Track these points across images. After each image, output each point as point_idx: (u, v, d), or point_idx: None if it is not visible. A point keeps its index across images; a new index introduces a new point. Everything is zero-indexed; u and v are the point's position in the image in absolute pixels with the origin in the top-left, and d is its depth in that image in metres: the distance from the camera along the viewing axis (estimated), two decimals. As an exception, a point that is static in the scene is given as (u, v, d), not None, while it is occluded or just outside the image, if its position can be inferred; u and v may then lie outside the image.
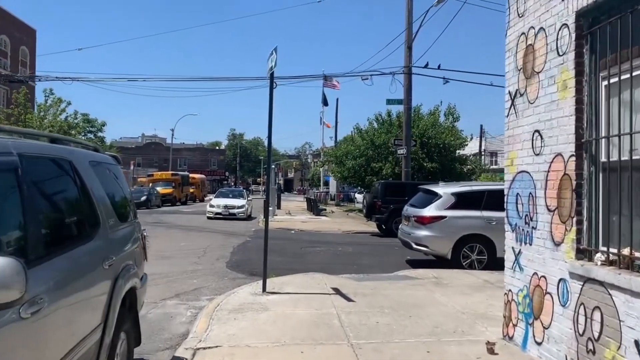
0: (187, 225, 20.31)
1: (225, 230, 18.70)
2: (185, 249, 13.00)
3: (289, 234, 18.07)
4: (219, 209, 24.44)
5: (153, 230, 17.37)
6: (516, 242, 5.73)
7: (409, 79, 20.08)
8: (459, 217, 10.64)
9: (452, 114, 31.03)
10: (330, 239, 16.49)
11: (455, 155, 31.23)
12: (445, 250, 10.58)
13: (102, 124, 44.21)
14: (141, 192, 37.35)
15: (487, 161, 52.58)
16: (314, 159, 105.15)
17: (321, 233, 18.81)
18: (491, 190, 11.11)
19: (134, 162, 47.73)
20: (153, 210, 31.76)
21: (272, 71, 7.49)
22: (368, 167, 31.06)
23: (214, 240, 15.05)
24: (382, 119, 32.31)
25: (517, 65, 5.48)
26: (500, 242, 11.16)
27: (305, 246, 14.19)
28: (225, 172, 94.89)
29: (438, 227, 10.58)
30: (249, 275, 9.65)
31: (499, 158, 62.77)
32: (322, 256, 12.41)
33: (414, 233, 10.89)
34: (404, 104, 20.22)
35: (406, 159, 20.38)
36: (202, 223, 22.04)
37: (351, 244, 15.07)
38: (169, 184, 43.03)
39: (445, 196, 10.78)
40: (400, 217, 17.84)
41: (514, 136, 5.60)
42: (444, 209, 10.68)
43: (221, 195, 27.01)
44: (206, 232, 17.55)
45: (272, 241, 15.90)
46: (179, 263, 10.80)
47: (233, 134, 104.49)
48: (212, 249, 13.04)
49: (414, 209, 11.21)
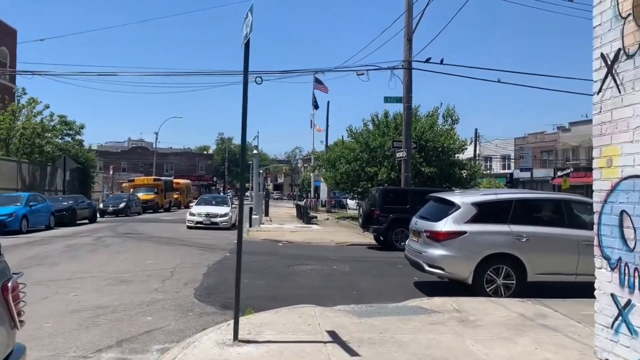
0: (162, 237, 18.18)
1: (203, 242, 16.60)
2: (150, 269, 10.91)
3: (275, 247, 16.01)
4: (200, 218, 22.32)
5: (121, 244, 15.28)
6: (621, 286, 3.72)
7: (409, 74, 18.16)
8: (482, 232, 8.68)
9: (451, 116, 29.23)
10: (323, 253, 14.47)
11: (454, 159, 29.39)
12: (466, 273, 8.60)
13: (81, 126, 41.86)
14: (120, 198, 35.21)
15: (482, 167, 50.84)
16: (304, 163, 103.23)
17: (312, 245, 16.77)
18: (520, 199, 9.18)
19: (114, 167, 45.37)
20: (131, 219, 29.57)
21: (248, 39, 5.47)
22: (362, 172, 29.11)
23: (188, 257, 12.96)
24: (377, 121, 30.39)
25: (621, 10, 3.53)
26: (531, 262, 8.95)
27: (293, 263, 12.15)
28: (214, 177, 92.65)
29: (456, 245, 8.61)
30: (220, 309, 7.59)
31: (493, 163, 61.45)
32: (314, 278, 10.37)
33: (426, 252, 8.90)
34: (403, 102, 18.30)
35: (406, 163, 18.44)
36: (180, 234, 19.92)
37: (347, 260, 13.06)
38: (150, 190, 40.83)
39: (464, 207, 8.80)
40: (401, 228, 15.89)
41: (615, 122, 3.63)
42: (464, 222, 8.71)
43: (203, 202, 24.87)
44: (181, 246, 15.44)
45: (255, 257, 13.83)
46: (137, 290, 8.71)
47: (221, 138, 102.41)
48: (182, 269, 10.95)
49: (425, 222, 9.22)
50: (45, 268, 10.78)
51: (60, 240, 16.41)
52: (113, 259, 12.23)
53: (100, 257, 12.65)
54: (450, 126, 29.43)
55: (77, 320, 6.73)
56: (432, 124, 28.66)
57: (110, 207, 33.17)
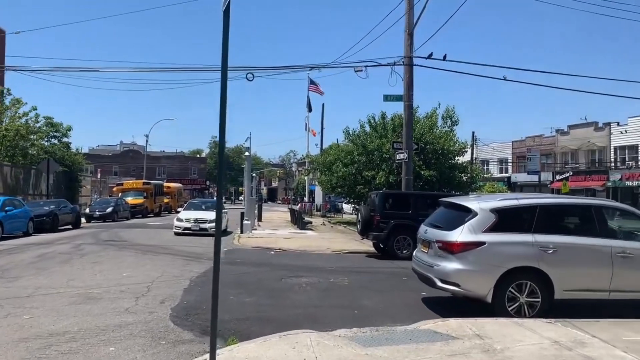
0: (146, 245, 16.95)
1: (190, 251, 15.39)
2: (125, 283, 9.71)
3: (267, 256, 14.83)
4: (188, 224, 21.09)
5: (99, 254, 14.06)
6: None
7: (410, 71, 17.07)
8: (503, 243, 7.55)
9: (451, 117, 28.18)
10: (319, 263, 13.31)
11: (454, 162, 28.33)
12: (484, 290, 7.47)
13: (68, 128, 40.67)
14: (107, 203, 33.88)
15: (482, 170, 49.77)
16: (299, 167, 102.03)
17: (307, 254, 15.60)
18: (545, 205, 8.05)
19: (102, 170, 44.05)
20: (118, 224, 28.28)
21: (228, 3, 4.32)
22: (359, 176, 28.01)
23: (170, 268, 11.76)
24: (375, 122, 29.30)
25: None
26: (559, 277, 7.32)
27: (286, 276, 10.97)
28: (206, 181, 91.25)
29: (474, 258, 7.47)
30: (200, 335, 6.40)
31: (490, 166, 60.50)
32: (309, 293, 9.20)
33: (438, 265, 7.76)
34: (404, 101, 17.20)
35: (407, 165, 17.31)
36: (166, 240, 18.70)
37: (345, 272, 11.90)
38: (139, 194, 39.51)
39: (482, 213, 7.67)
40: (403, 235, 14.75)
41: None
42: (482, 231, 7.57)
43: (192, 207, 23.61)
44: (164, 255, 14.22)
45: (244, 268, 12.63)
46: (104, 310, 7.51)
47: (215, 141, 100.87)
48: (161, 283, 9.76)
49: (437, 231, 8.08)
50: (5, 283, 9.55)
51: (34, 249, 15.15)
52: (86, 271, 11.02)
53: (72, 268, 11.42)
54: (450, 128, 28.41)
55: (21, 354, 5.53)
56: (432, 125, 27.61)
57: (96, 212, 31.85)
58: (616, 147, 47.13)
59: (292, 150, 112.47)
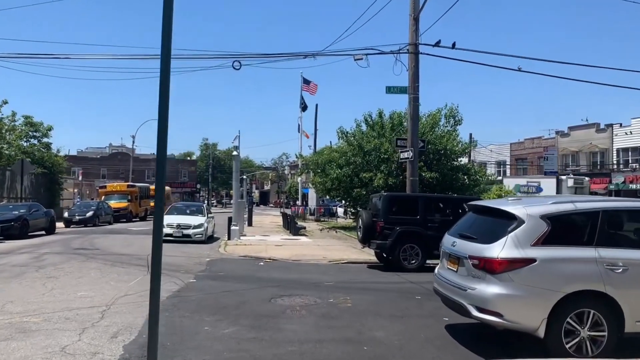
0: (119, 254, 15.07)
1: (168, 261, 13.49)
2: (75, 306, 7.84)
3: (255, 268, 12.98)
4: (170, 229, 19.18)
5: (60, 266, 12.15)
6: None
7: (415, 60, 15.33)
8: (559, 259, 5.79)
9: (454, 116, 26.49)
10: (315, 276, 11.49)
11: (457, 163, 26.64)
12: (535, 321, 5.69)
13: (49, 128, 38.58)
14: (88, 206, 31.83)
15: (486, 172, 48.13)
16: (292, 170, 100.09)
17: (301, 265, 13.77)
18: (611, 209, 6.27)
19: (82, 172, 41.99)
20: (98, 229, 26.30)
21: None
22: (356, 178, 26.25)
23: (139, 284, 9.91)
24: (372, 121, 27.56)
25: None
26: (631, 304, 5.11)
27: (276, 294, 9.15)
28: (197, 184, 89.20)
29: (522, 280, 5.70)
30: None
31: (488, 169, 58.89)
32: (305, 322, 7.37)
33: (473, 289, 5.97)
34: (408, 93, 15.44)
35: (412, 165, 15.54)
36: (144, 249, 16.79)
37: (346, 288, 10.09)
38: (124, 197, 37.53)
39: (530, 221, 5.90)
40: (410, 244, 12.94)
41: None
42: (531, 244, 5.80)
43: (175, 211, 21.68)
44: (136, 267, 12.35)
45: (226, 284, 10.26)
46: (31, 351, 5.65)
47: (206, 144, 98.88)
48: (121, 306, 7.90)
49: (470, 244, 6.29)
50: None
51: (-11, 260, 13.22)
52: (34, 290, 9.13)
53: (19, 286, 9.53)
54: (453, 127, 26.73)
55: None
56: (434, 124, 25.92)
57: (76, 216, 29.84)
58: (619, 149, 45.71)
59: (285, 153, 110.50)
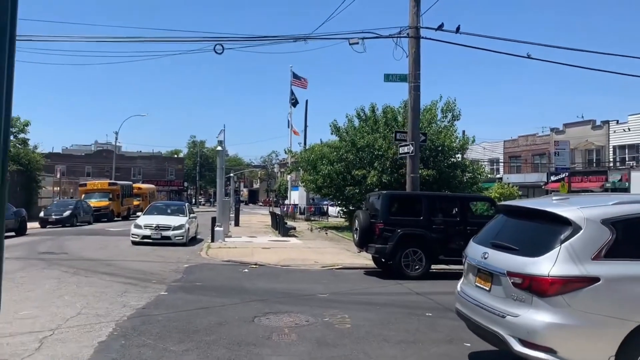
0: (87, 259, 13.52)
1: (139, 268, 12.02)
2: (11, 331, 6.32)
3: (239, 276, 11.50)
4: (148, 231, 17.64)
5: (14, 274, 10.54)
6: None
7: (416, 44, 13.94)
8: (630, 278, 4.41)
9: (451, 111, 25.19)
10: (306, 287, 10.06)
11: (455, 160, 25.35)
12: (600, 358, 4.31)
13: (25, 123, 36.93)
14: (65, 205, 30.11)
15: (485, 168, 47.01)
16: (281, 168, 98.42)
17: (290, 271, 12.33)
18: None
19: (60, 170, 40.18)
20: (74, 230, 24.65)
21: None
22: (348, 175, 24.86)
23: (97, 299, 8.38)
24: (364, 115, 26.18)
25: None
26: None
27: (261, 311, 7.69)
28: (184, 182, 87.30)
29: (581, 305, 4.31)
30: None
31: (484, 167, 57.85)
32: (296, 349, 5.92)
33: (515, 315, 4.56)
34: (409, 81, 14.04)
35: (413, 161, 14.15)
36: (117, 252, 15.30)
37: (344, 302, 8.68)
38: (105, 196, 35.81)
39: (590, 227, 4.51)
40: (413, 248, 11.54)
41: None
42: (591, 258, 4.42)
43: (155, 210, 20.10)
44: (101, 275, 10.81)
45: (204, 299, 8.04)
46: None
47: (193, 141, 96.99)
48: (67, 331, 6.40)
49: (507, 257, 4.87)
50: None
51: None
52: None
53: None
54: (451, 122, 25.43)
55: None
56: (431, 119, 24.59)
57: (52, 215, 28.15)
58: (615, 146, 44.79)
59: (274, 151, 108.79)
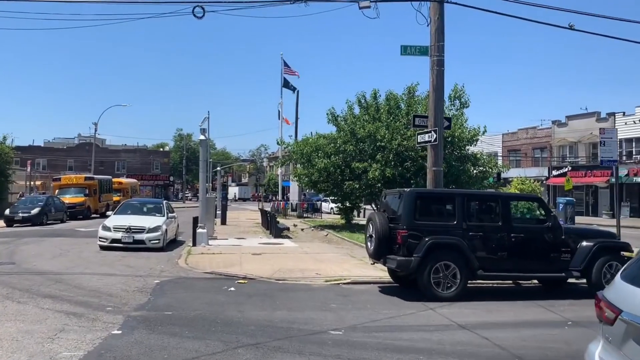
0: (35, 271, 10.92)
1: (96, 286, 9.44)
2: None
3: (222, 299, 8.94)
4: (118, 233, 15.03)
5: None
6: None
7: (440, 10, 11.49)
8: None
9: (460, 98, 22.83)
10: (313, 319, 7.58)
11: (465, 152, 23.02)
12: None
13: (-7, 113, 33.77)
14: (34, 202, 27.26)
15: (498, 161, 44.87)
16: (270, 162, 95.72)
17: (288, 289, 9.83)
18: None
19: (31, 162, 37.27)
20: (40, 230, 21.92)
21: None
22: (347, 169, 22.43)
23: (16, 346, 5.82)
24: (366, 102, 23.73)
25: None
26: None
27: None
28: (170, 176, 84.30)
29: None
30: None
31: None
32: None
33: None
34: (430, 55, 11.57)
35: (435, 151, 11.70)
36: (78, 261, 12.72)
37: (368, 349, 6.21)
38: (81, 191, 32.99)
39: None
40: (445, 261, 9.08)
41: None
42: None
43: (128, 209, 17.44)
44: (40, 300, 8.18)
45: (172, 342, 4.07)
46: None
47: (180, 134, 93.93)
48: None
49: None
50: None
51: None
52: None
53: None
54: (459, 110, 23.09)
55: None
56: (439, 106, 22.18)
57: (19, 213, 25.43)
58: (622, 139, 42.72)
59: (264, 145, 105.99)
